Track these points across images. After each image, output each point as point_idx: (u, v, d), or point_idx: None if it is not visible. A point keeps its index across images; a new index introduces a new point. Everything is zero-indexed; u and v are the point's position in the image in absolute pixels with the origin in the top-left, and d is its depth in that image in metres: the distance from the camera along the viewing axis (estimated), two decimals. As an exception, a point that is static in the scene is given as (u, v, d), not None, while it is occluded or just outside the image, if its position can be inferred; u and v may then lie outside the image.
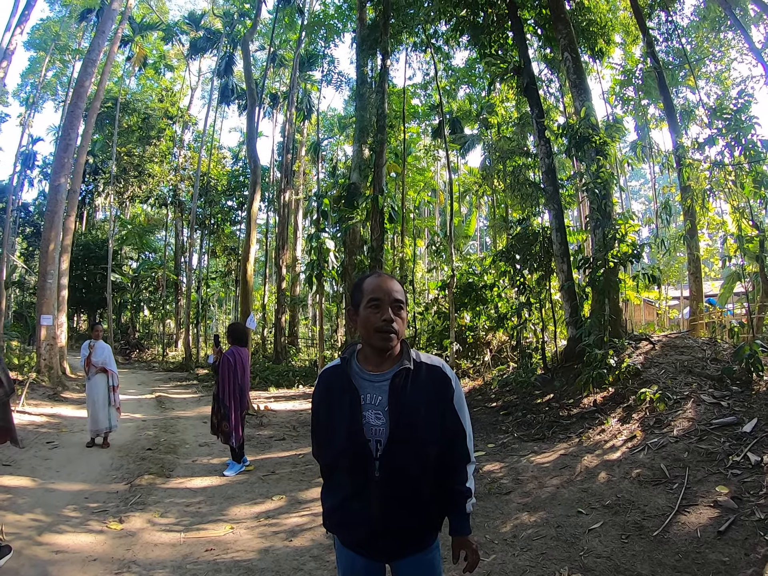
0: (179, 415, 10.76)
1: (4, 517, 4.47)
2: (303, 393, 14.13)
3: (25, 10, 15.17)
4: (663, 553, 3.39)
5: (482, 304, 13.39)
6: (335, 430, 1.83)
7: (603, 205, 8.84)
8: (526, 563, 3.54)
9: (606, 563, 3.39)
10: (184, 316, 25.89)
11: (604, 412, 6.80)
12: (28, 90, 33.20)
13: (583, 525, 3.98)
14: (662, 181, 25.30)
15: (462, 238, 22.34)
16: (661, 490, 4.23)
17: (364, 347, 1.89)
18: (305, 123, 30.02)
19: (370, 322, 1.78)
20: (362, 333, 1.83)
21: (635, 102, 18.39)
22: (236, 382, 6.42)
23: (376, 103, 15.09)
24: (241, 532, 4.48)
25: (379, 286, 1.82)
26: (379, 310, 1.78)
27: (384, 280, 1.85)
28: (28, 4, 15.31)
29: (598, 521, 3.98)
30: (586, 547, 3.65)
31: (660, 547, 3.46)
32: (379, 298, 1.79)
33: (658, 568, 3.24)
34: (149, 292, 32.08)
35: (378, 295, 1.79)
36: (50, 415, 9.80)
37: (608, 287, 8.32)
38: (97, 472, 6.31)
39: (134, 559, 3.90)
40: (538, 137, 10.76)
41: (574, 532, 3.89)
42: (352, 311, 1.90)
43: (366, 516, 1.78)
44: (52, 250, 13.68)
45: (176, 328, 30.34)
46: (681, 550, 3.38)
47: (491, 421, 8.30)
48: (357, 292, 1.87)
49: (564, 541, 3.79)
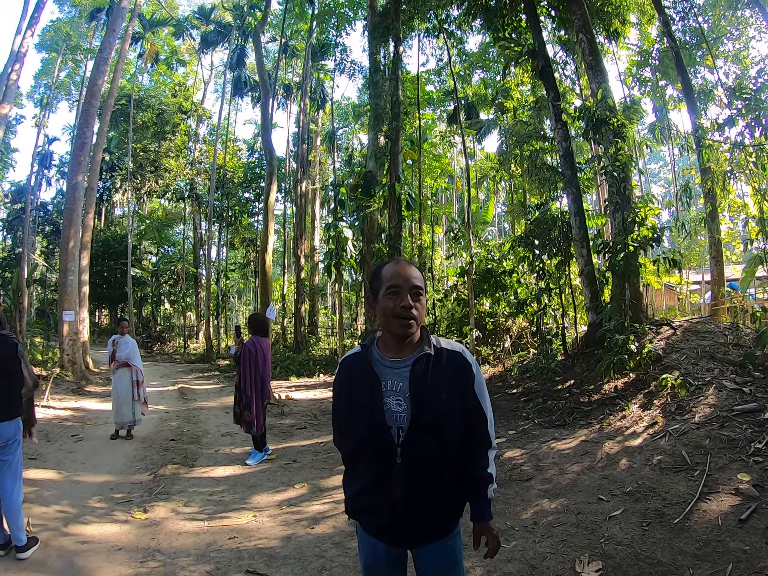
0: (201, 406, 10.89)
1: (30, 509, 4.57)
2: (323, 382, 14.21)
3: (34, 13, 15.32)
4: (683, 541, 3.38)
5: (501, 291, 13.31)
6: (357, 417, 1.84)
7: (622, 188, 8.71)
8: (546, 550, 3.55)
9: (626, 551, 3.38)
10: (205, 308, 26.14)
11: (625, 398, 6.74)
12: (42, 91, 33.61)
13: (604, 512, 3.97)
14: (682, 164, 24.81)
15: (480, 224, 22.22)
16: (682, 477, 4.20)
17: (384, 334, 1.90)
18: (319, 113, 29.97)
19: (389, 309, 1.79)
20: (381, 320, 1.84)
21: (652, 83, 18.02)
22: (257, 372, 6.49)
23: (390, 91, 15.00)
24: (264, 520, 4.55)
25: (398, 272, 1.82)
26: (398, 297, 1.79)
27: (402, 266, 1.85)
28: (37, 7, 15.46)
29: (618, 508, 3.97)
30: (606, 534, 3.64)
31: (680, 535, 3.44)
32: (398, 284, 1.80)
33: (678, 556, 3.23)
34: (169, 286, 32.40)
35: (397, 282, 1.80)
36: (74, 408, 9.98)
37: (628, 272, 8.22)
38: (121, 464, 6.44)
39: (159, 548, 3.98)
40: (554, 121, 10.60)
41: (595, 519, 3.89)
42: (371, 298, 1.91)
43: (388, 502, 1.79)
44: (72, 247, 13.91)
45: (197, 320, 30.73)
46: (702, 538, 3.35)
47: (512, 407, 8.28)
48: (375, 279, 1.88)
49: (584, 528, 3.78)
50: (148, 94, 31.62)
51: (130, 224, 28.14)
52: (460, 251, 17.83)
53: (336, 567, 3.60)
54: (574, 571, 3.23)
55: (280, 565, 3.68)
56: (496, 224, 40.76)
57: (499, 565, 3.38)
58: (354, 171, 18.58)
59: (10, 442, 3.72)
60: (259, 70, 16.54)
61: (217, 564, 3.70)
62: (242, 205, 29.55)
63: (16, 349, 3.75)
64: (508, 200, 24.64)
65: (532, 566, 3.36)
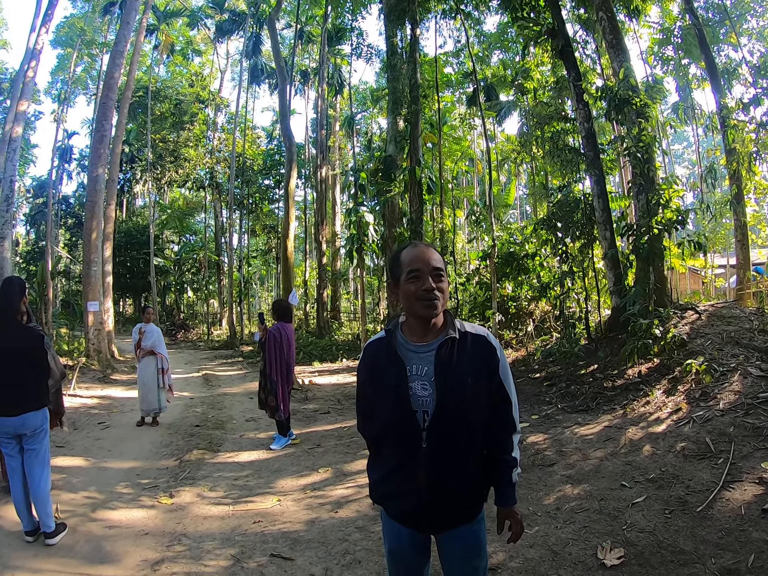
0: (226, 392, 11.00)
1: (59, 496, 4.68)
2: (346, 366, 14.27)
3: (48, 10, 15.39)
4: (706, 529, 3.36)
5: (524, 274, 13.16)
6: (382, 402, 1.84)
7: (646, 169, 8.56)
8: (568, 536, 3.56)
9: (648, 538, 3.37)
10: (227, 295, 26.40)
11: (649, 383, 6.69)
12: (59, 87, 33.90)
13: (627, 499, 3.96)
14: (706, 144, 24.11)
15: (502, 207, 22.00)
16: (705, 465, 4.17)
17: (407, 319, 1.90)
18: (337, 98, 29.78)
19: (412, 293, 1.79)
20: (405, 305, 1.84)
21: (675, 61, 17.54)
22: (282, 357, 6.53)
23: (408, 74, 14.85)
24: (288, 504, 4.60)
25: (417, 256, 1.82)
26: (420, 281, 1.78)
27: (421, 250, 1.85)
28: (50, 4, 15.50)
29: (641, 495, 3.96)
30: (629, 521, 3.64)
31: (703, 524, 3.42)
32: (418, 268, 1.79)
33: (700, 544, 3.21)
34: (192, 274, 32.80)
35: (417, 266, 1.80)
36: (101, 397, 10.16)
37: (653, 255, 8.12)
38: (147, 450, 6.55)
39: (185, 532, 4.06)
40: (576, 101, 10.41)
41: (617, 506, 3.88)
42: (392, 284, 1.91)
43: (413, 487, 1.79)
44: (95, 238, 14.13)
45: (220, 308, 31.09)
46: (724, 527, 3.33)
47: (535, 392, 8.25)
48: (396, 265, 1.88)
49: (607, 515, 3.78)
50: (165, 85, 31.78)
51: (151, 214, 28.40)
52: (482, 235, 17.70)
53: (359, 551, 3.65)
54: (596, 557, 3.24)
55: (304, 548, 3.74)
56: (517, 207, 40.31)
57: (522, 551, 3.41)
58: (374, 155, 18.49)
59: (37, 431, 3.82)
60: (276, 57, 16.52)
61: (242, 547, 3.77)
62: (262, 192, 29.61)
63: (42, 341, 3.82)
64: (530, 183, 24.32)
65: (554, 552, 3.37)
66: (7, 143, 15.06)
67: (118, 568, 3.52)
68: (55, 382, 3.97)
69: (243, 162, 27.34)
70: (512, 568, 3.24)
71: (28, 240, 38.79)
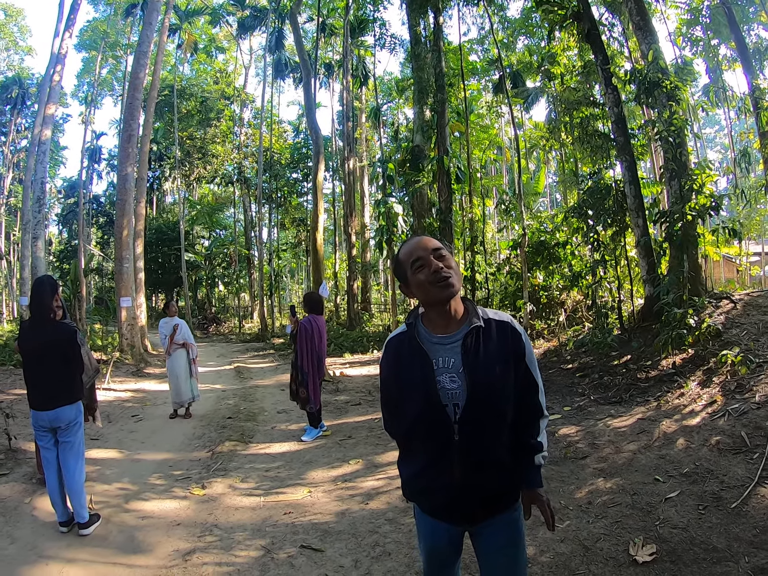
0: (257, 384, 11.12)
1: (93, 487, 4.80)
2: (377, 358, 14.12)
3: (70, 15, 15.82)
4: (740, 527, 3.26)
5: (555, 263, 12.94)
6: (409, 398, 1.80)
7: (678, 154, 8.32)
8: (600, 531, 3.51)
9: (681, 534, 3.30)
10: (258, 288, 26.69)
11: (683, 374, 6.51)
12: (86, 89, 34.94)
13: (660, 493, 3.88)
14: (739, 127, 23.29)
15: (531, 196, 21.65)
16: (740, 460, 4.05)
17: (427, 311, 1.86)
18: (362, 89, 29.67)
19: (423, 282, 1.76)
20: (421, 296, 1.81)
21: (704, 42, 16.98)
22: (313, 349, 6.59)
23: (432, 63, 14.74)
24: (319, 496, 4.65)
25: (414, 247, 1.81)
26: (425, 266, 1.76)
27: (415, 240, 1.83)
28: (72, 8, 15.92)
29: (674, 490, 3.87)
30: (662, 516, 3.56)
31: (737, 521, 3.33)
32: (419, 256, 1.77)
33: (734, 542, 3.13)
34: (222, 268, 33.23)
35: (418, 254, 1.78)
36: (134, 390, 10.41)
37: (686, 242, 7.90)
38: (180, 442, 6.69)
39: (216, 523, 4.14)
40: (604, 85, 10.16)
41: (650, 501, 3.80)
42: (403, 286, 1.88)
43: (448, 481, 1.77)
44: (126, 236, 14.48)
45: (251, 301, 31.49)
46: (759, 525, 3.23)
47: (567, 383, 8.13)
48: (398, 267, 1.86)
49: (639, 510, 3.71)
50: (190, 83, 32.32)
51: (181, 211, 28.82)
52: (512, 224, 17.52)
53: (389, 543, 3.66)
54: (628, 553, 3.19)
55: (334, 540, 3.77)
56: (547, 195, 39.62)
57: (552, 545, 3.38)
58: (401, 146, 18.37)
59: (71, 424, 3.95)
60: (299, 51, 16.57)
61: (273, 538, 3.82)
62: (291, 185, 29.82)
63: (75, 336, 3.97)
64: (560, 170, 23.90)
65: (585, 547, 3.33)
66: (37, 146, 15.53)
67: (150, 558, 3.61)
68: (88, 378, 4.12)
69: (270, 156, 27.52)
70: (542, 563, 3.22)
71: (61, 239, 40.13)
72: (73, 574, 3.42)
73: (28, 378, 3.92)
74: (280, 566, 3.43)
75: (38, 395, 3.87)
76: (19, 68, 37.06)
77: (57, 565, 3.50)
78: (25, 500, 4.48)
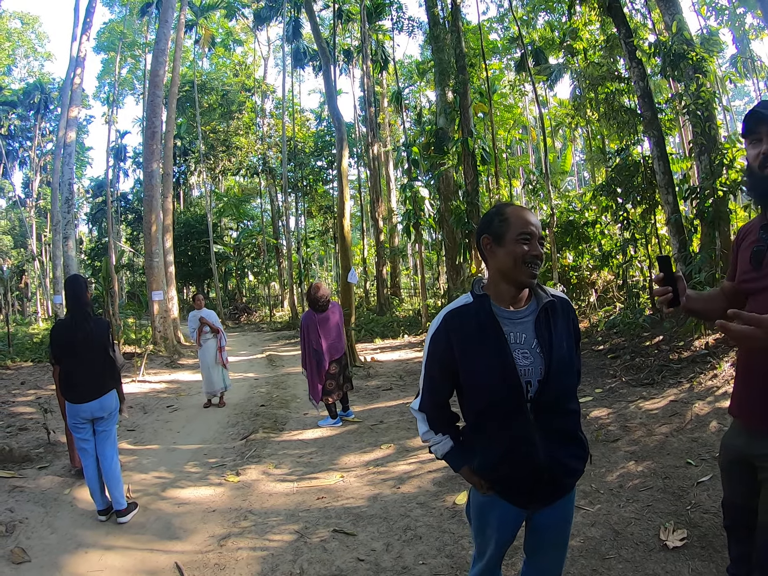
0: (289, 372, 11.16)
1: (131, 476, 4.94)
2: (408, 343, 14.29)
3: (86, 18, 16.05)
4: (771, 513, 3.20)
5: (585, 243, 12.72)
6: (481, 375, 1.71)
7: (707, 128, 8.04)
8: (631, 515, 3.46)
9: (713, 520, 3.22)
10: (287, 277, 26.92)
11: (716, 355, 6.36)
12: (107, 90, 35.54)
13: (692, 477, 3.81)
14: (769, 99, 22.30)
15: (558, 175, 21.34)
16: (774, 442, 3.96)
17: (497, 284, 1.77)
18: (383, 74, 29.42)
19: (520, 256, 1.68)
20: (504, 266, 1.72)
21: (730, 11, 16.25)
22: (311, 347, 6.44)
23: (452, 44, 14.55)
24: (351, 480, 4.67)
25: (529, 220, 1.72)
26: (530, 245, 1.69)
27: (530, 214, 1.75)
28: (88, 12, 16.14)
29: (707, 474, 3.79)
30: (693, 501, 3.49)
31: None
32: (530, 232, 1.69)
33: (765, 529, 3.07)
34: (251, 258, 33.50)
35: (530, 229, 1.70)
36: (169, 381, 10.59)
37: (718, 219, 7.68)
38: (214, 430, 6.78)
39: (251, 509, 4.20)
40: (628, 59, 9.85)
41: (682, 485, 3.74)
42: (487, 240, 1.76)
43: (530, 464, 1.70)
44: (155, 231, 14.74)
45: (281, 290, 31.77)
46: (792, 512, 3.16)
47: (598, 365, 8.00)
48: (501, 221, 1.74)
49: (671, 494, 3.65)
50: (210, 78, 32.48)
51: (208, 204, 29.09)
52: (540, 204, 17.25)
53: (420, 527, 3.67)
54: (658, 538, 3.14)
55: (366, 524, 3.78)
56: (575, 173, 38.79)
57: (583, 529, 3.35)
58: (424, 129, 18.22)
59: (112, 413, 4.11)
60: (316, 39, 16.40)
61: (306, 523, 3.86)
62: (316, 173, 29.91)
63: (109, 329, 4.20)
64: (586, 147, 23.35)
65: (616, 531, 3.29)
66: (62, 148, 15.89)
67: (186, 544, 3.70)
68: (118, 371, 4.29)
69: (294, 145, 27.60)
70: (573, 547, 3.17)
71: (92, 238, 41.10)
72: (112, 560, 3.52)
73: (68, 373, 4.02)
74: (313, 550, 3.48)
75: (82, 388, 3.98)
76: (39, 74, 38.07)
77: (96, 553, 3.61)
78: (65, 491, 4.61)
